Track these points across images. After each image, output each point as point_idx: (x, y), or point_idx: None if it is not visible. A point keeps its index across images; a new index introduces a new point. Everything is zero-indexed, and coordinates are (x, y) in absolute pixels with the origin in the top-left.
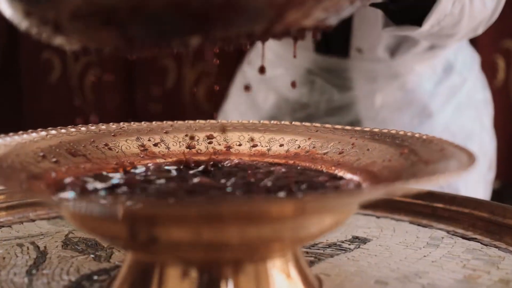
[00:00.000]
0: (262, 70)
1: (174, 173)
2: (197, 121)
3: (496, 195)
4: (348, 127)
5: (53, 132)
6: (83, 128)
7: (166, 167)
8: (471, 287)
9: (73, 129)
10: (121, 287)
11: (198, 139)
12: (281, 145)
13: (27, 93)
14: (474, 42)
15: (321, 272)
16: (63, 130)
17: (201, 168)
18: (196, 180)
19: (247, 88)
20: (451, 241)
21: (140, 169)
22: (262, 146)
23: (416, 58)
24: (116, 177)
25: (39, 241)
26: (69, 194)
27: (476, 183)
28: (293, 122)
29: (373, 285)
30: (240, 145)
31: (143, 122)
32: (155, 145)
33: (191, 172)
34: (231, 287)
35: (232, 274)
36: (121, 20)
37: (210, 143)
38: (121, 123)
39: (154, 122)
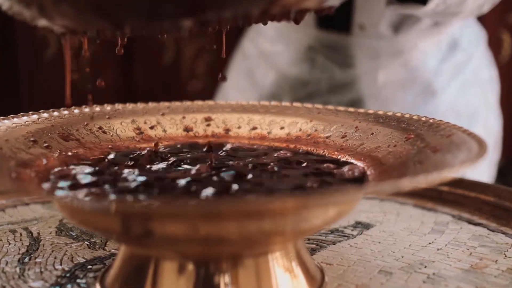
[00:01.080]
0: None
1: (171, 159)
2: (195, 102)
3: (501, 174)
4: (351, 109)
5: (45, 115)
6: (76, 111)
7: (163, 152)
8: (478, 277)
9: (66, 112)
10: (115, 280)
11: (195, 121)
12: (281, 128)
13: (23, 70)
14: (479, 17)
15: (323, 260)
16: (55, 113)
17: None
18: (195, 169)
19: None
20: (457, 226)
21: (137, 156)
22: (262, 129)
23: (420, 35)
24: (110, 165)
25: (33, 226)
26: (58, 188)
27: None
28: (294, 103)
29: (377, 275)
30: (239, 127)
31: (138, 104)
32: (152, 128)
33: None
34: (230, 282)
35: (231, 268)
36: (108, 2)
37: (208, 125)
38: (116, 105)
39: (150, 103)
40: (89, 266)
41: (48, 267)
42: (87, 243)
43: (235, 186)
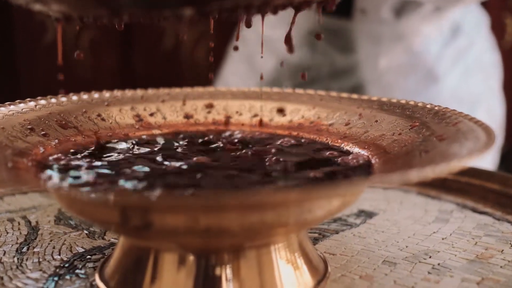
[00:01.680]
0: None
1: (172, 148)
2: (195, 88)
3: (504, 160)
4: (354, 96)
5: (43, 102)
6: (74, 97)
7: (162, 140)
8: (483, 267)
9: (64, 99)
10: (114, 272)
11: (195, 108)
12: (284, 115)
13: (21, 55)
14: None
15: (326, 250)
16: (53, 100)
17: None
18: (194, 159)
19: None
20: (461, 215)
21: (135, 143)
22: (264, 116)
23: (422, 20)
24: (108, 154)
25: (31, 215)
26: (55, 178)
27: None
28: (296, 90)
29: (381, 265)
30: (240, 114)
31: (138, 90)
32: (151, 115)
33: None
34: (231, 274)
35: (232, 260)
36: None
37: (209, 112)
38: (115, 91)
39: (149, 90)
40: (88, 256)
41: (46, 257)
42: (86, 232)
43: (237, 177)
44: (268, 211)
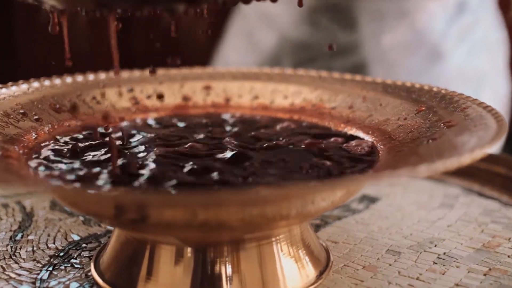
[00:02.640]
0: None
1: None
2: (193, 69)
3: (509, 141)
4: (358, 78)
5: (36, 84)
6: (68, 80)
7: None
8: (490, 257)
9: (57, 81)
10: (110, 263)
11: (194, 90)
12: (285, 97)
13: (19, 33)
14: None
15: (328, 238)
16: (46, 82)
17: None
18: (188, 145)
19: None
20: (467, 200)
21: (129, 130)
22: (264, 98)
23: None
24: (102, 143)
25: (26, 200)
26: (45, 170)
27: None
28: (297, 71)
29: (385, 255)
30: (240, 97)
31: (134, 71)
32: (148, 97)
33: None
34: (231, 268)
35: (232, 254)
36: None
37: (207, 94)
38: (111, 72)
39: (147, 71)
40: (84, 245)
41: (40, 246)
42: (82, 218)
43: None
44: (269, 205)
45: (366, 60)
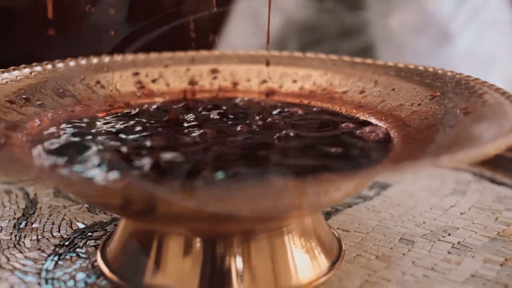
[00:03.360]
0: None
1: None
2: (200, 51)
3: None
4: (369, 61)
5: (38, 68)
6: (72, 63)
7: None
8: (506, 246)
9: (60, 64)
10: (117, 253)
11: (200, 74)
12: (294, 81)
13: (19, 12)
14: None
15: (339, 226)
16: (49, 66)
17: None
18: (198, 132)
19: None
20: (479, 186)
21: (135, 116)
22: (273, 82)
23: None
24: (106, 132)
25: (29, 187)
26: (49, 160)
27: None
28: (306, 54)
29: (398, 244)
30: (248, 80)
31: (139, 54)
32: (153, 81)
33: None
34: (241, 259)
35: (242, 245)
36: None
37: (214, 78)
38: (115, 56)
39: (152, 54)
40: (89, 233)
41: (45, 234)
42: (87, 206)
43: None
44: (281, 196)
45: (373, 42)
